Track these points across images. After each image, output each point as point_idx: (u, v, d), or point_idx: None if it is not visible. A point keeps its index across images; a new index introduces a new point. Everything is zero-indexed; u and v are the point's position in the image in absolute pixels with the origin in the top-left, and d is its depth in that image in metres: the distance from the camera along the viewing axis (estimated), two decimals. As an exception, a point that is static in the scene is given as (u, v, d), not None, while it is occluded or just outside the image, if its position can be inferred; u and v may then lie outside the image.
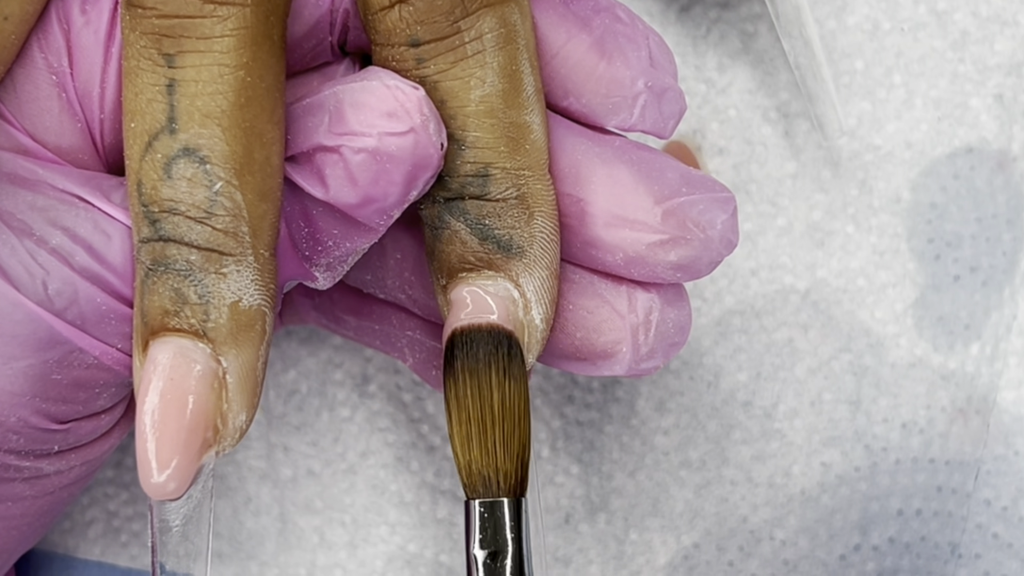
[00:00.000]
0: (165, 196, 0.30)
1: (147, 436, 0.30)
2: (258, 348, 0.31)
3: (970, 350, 0.41)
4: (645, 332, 0.34)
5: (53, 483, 0.34)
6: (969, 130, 0.42)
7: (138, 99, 0.30)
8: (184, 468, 0.30)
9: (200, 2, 0.29)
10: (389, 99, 0.30)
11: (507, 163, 0.32)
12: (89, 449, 0.34)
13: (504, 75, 0.32)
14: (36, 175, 0.32)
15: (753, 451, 0.42)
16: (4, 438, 0.32)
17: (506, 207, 0.32)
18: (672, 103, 0.34)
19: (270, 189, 0.30)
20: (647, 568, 0.42)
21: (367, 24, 0.32)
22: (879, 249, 0.42)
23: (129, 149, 0.30)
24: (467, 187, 0.32)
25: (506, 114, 0.32)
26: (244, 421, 0.31)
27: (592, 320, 0.34)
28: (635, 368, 0.34)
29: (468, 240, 0.32)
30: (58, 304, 0.31)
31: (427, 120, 0.31)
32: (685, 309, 0.34)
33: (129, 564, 0.42)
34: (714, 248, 0.33)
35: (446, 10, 0.31)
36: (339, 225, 0.32)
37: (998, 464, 0.41)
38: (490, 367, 0.32)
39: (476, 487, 0.32)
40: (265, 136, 0.30)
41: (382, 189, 0.31)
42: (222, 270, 0.30)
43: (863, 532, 0.41)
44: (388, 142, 0.30)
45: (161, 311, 0.30)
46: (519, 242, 0.32)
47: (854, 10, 0.42)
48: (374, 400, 0.42)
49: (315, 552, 0.42)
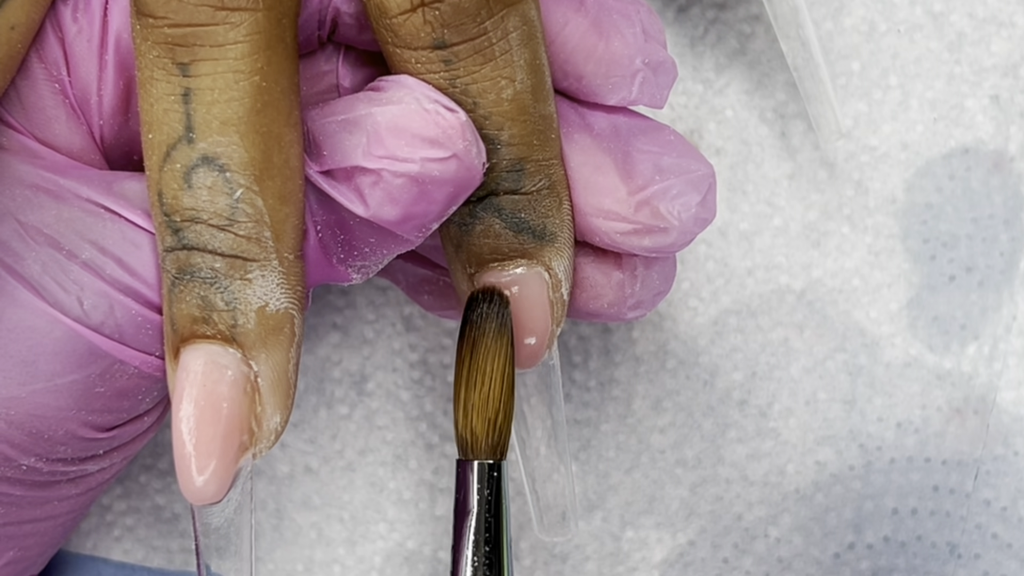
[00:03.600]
0: (186, 205, 0.30)
1: (184, 443, 0.30)
2: (288, 350, 0.31)
3: (967, 350, 0.42)
4: (631, 287, 0.34)
5: (96, 479, 0.35)
6: (965, 131, 0.42)
7: (154, 109, 0.30)
8: (222, 472, 0.30)
9: (212, 9, 0.29)
10: (431, 125, 0.30)
11: (539, 155, 0.32)
12: (130, 446, 0.34)
13: (531, 71, 0.32)
14: (58, 185, 0.32)
15: (748, 449, 0.42)
16: (52, 450, 0.32)
17: (539, 198, 0.33)
18: (666, 74, 0.34)
19: (291, 192, 0.30)
20: (643, 565, 0.42)
21: (381, 27, 0.31)
22: (875, 249, 0.42)
23: (148, 160, 0.30)
24: (501, 183, 0.32)
25: (535, 108, 0.32)
26: (279, 423, 0.31)
27: (576, 277, 0.34)
28: (622, 318, 0.35)
29: (502, 233, 0.33)
30: (95, 319, 0.31)
31: (470, 145, 0.31)
32: (670, 260, 0.35)
33: (122, 558, 0.42)
34: (687, 230, 0.33)
35: (472, 12, 0.31)
36: (376, 235, 0.32)
37: (997, 464, 0.41)
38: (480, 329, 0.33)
39: (459, 448, 0.33)
40: (283, 139, 0.30)
41: (423, 208, 0.31)
42: (247, 276, 0.30)
43: (857, 530, 0.41)
44: (430, 167, 0.30)
45: (190, 319, 0.30)
46: (552, 229, 0.33)
47: (851, 11, 0.42)
48: (372, 398, 0.42)
49: (313, 548, 0.42)
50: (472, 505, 0.32)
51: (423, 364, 0.42)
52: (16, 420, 0.31)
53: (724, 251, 0.42)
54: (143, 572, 0.42)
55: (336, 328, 0.42)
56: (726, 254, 0.42)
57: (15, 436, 0.31)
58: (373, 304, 0.42)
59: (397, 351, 0.42)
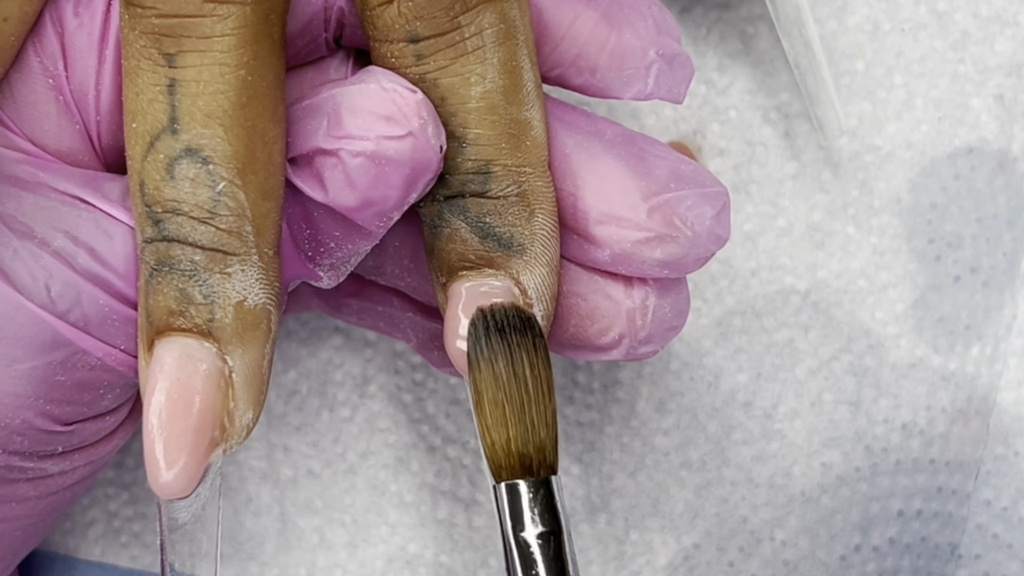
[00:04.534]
0: (168, 196, 0.30)
1: (154, 436, 0.30)
2: (263, 347, 0.31)
3: (970, 351, 0.41)
4: (642, 318, 0.34)
5: (57, 483, 0.34)
6: (969, 130, 0.42)
7: (139, 99, 0.30)
8: (192, 467, 0.30)
9: (200, 1, 0.29)
10: (387, 103, 0.30)
11: (508, 160, 0.32)
12: (93, 449, 0.34)
13: (505, 71, 0.32)
14: (36, 177, 0.32)
15: (753, 452, 0.42)
16: (8, 440, 0.32)
17: (507, 204, 0.32)
18: (682, 67, 0.34)
19: (272, 187, 0.30)
20: (647, 568, 0.42)
21: (365, 20, 0.32)
22: (879, 250, 0.42)
23: (131, 149, 0.30)
24: (468, 185, 0.32)
25: (507, 110, 0.32)
26: (251, 419, 0.31)
27: (585, 308, 0.34)
28: (633, 354, 0.34)
29: (468, 238, 0.32)
30: (61, 306, 0.31)
31: (425, 124, 0.31)
32: (683, 293, 0.34)
33: (130, 564, 0.42)
34: (701, 245, 0.33)
35: (445, 6, 0.31)
36: (340, 227, 0.32)
37: (998, 465, 0.41)
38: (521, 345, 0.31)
39: (515, 467, 0.31)
40: (267, 135, 0.30)
41: (381, 192, 0.31)
42: (227, 270, 0.30)
43: (863, 533, 0.41)
44: (386, 146, 0.30)
45: (166, 311, 0.30)
46: (520, 240, 0.32)
47: (854, 10, 0.42)
48: (374, 401, 0.42)
49: (315, 552, 0.42)
50: (561, 520, 0.31)
51: (425, 367, 0.42)
52: None
53: (728, 252, 0.42)
54: (148, 577, 0.42)
55: (338, 331, 0.42)
56: (730, 255, 0.42)
57: None
58: (375, 307, 0.42)
59: (399, 353, 0.42)
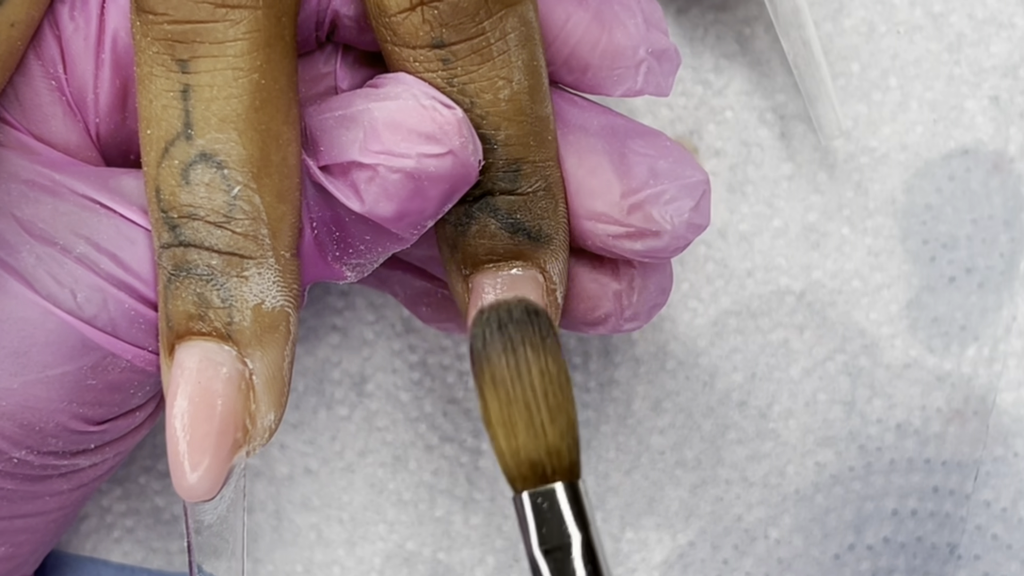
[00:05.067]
0: (184, 202, 0.30)
1: (178, 440, 0.30)
2: (283, 348, 0.31)
3: (967, 352, 0.42)
4: (628, 298, 0.34)
5: (88, 475, 0.34)
6: (965, 132, 0.42)
7: (152, 105, 0.30)
8: (215, 469, 0.30)
9: (212, 6, 0.29)
10: (427, 120, 0.31)
11: (535, 157, 0.32)
12: (123, 442, 0.34)
13: (528, 72, 0.32)
14: (54, 181, 0.32)
15: (748, 451, 0.42)
16: (43, 442, 0.32)
17: (535, 199, 0.33)
18: (670, 62, 0.34)
19: (288, 190, 0.31)
20: (643, 566, 0.42)
21: (381, 26, 0.32)
22: (874, 250, 0.42)
23: (146, 155, 0.30)
24: (498, 183, 0.32)
25: (532, 109, 0.32)
26: (273, 420, 0.31)
27: (574, 289, 0.34)
28: (618, 329, 0.35)
29: (498, 234, 0.33)
30: (88, 311, 0.31)
31: (467, 142, 0.31)
32: (666, 271, 0.35)
33: (122, 560, 0.42)
34: (680, 235, 0.33)
35: (471, 12, 0.31)
36: (371, 232, 0.32)
37: (997, 465, 0.41)
38: (525, 342, 0.30)
39: (526, 475, 0.29)
40: (281, 137, 0.30)
41: (418, 205, 0.31)
42: (243, 273, 0.30)
43: (857, 531, 0.41)
44: (427, 163, 0.30)
45: (185, 315, 0.30)
46: (547, 231, 0.33)
47: (850, 13, 0.42)
48: (372, 399, 0.42)
49: (312, 549, 0.42)
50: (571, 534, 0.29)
51: (423, 365, 0.42)
52: (7, 411, 0.31)
53: (724, 252, 0.42)
54: (143, 574, 0.42)
55: (336, 329, 0.42)
56: (726, 255, 0.42)
57: (6, 428, 0.31)
58: (373, 305, 0.42)
59: (397, 352, 0.42)
